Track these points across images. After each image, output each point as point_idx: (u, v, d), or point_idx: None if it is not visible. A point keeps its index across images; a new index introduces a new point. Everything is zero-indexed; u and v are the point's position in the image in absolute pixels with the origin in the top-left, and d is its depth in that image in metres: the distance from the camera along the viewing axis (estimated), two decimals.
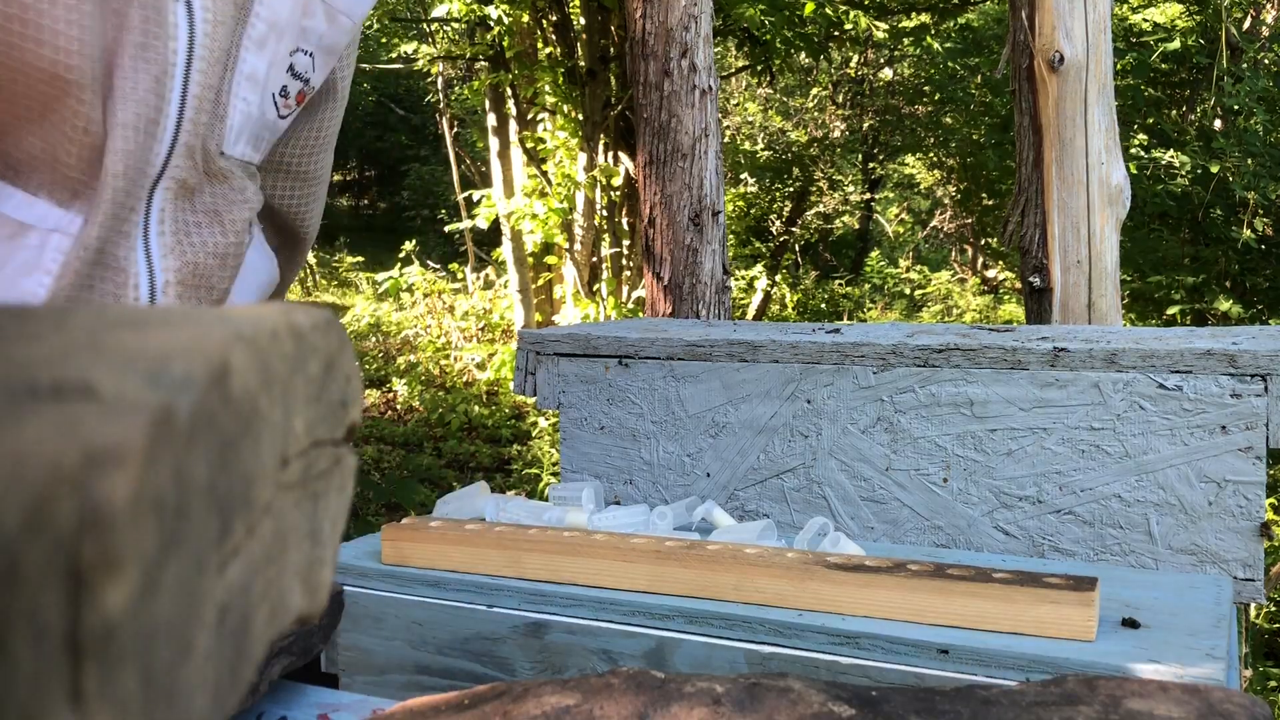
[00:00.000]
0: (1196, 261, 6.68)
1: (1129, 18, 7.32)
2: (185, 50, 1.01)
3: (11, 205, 1.00)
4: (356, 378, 0.42)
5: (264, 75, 1.10)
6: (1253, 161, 5.76)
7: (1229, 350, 1.02)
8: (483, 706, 0.62)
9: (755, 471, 1.21)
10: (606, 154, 6.61)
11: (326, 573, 0.40)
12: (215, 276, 1.12)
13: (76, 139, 0.98)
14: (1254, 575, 1.02)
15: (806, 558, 0.90)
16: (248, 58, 1.08)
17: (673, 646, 0.89)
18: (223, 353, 0.30)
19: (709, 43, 3.37)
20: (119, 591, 0.24)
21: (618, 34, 6.42)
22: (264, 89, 1.11)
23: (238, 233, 1.13)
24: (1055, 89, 3.14)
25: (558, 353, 1.31)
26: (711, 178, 3.36)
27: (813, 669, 0.84)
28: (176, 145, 1.03)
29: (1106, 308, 3.14)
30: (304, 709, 0.83)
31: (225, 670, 0.32)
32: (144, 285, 1.05)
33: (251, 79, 1.09)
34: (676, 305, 3.35)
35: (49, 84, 0.94)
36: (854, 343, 1.16)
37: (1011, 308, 10.30)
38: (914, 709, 0.59)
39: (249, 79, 1.09)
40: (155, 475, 0.26)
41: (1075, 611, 0.81)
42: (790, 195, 10.43)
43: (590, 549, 0.96)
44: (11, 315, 0.33)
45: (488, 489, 1.18)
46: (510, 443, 6.98)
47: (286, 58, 1.12)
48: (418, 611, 0.99)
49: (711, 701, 0.59)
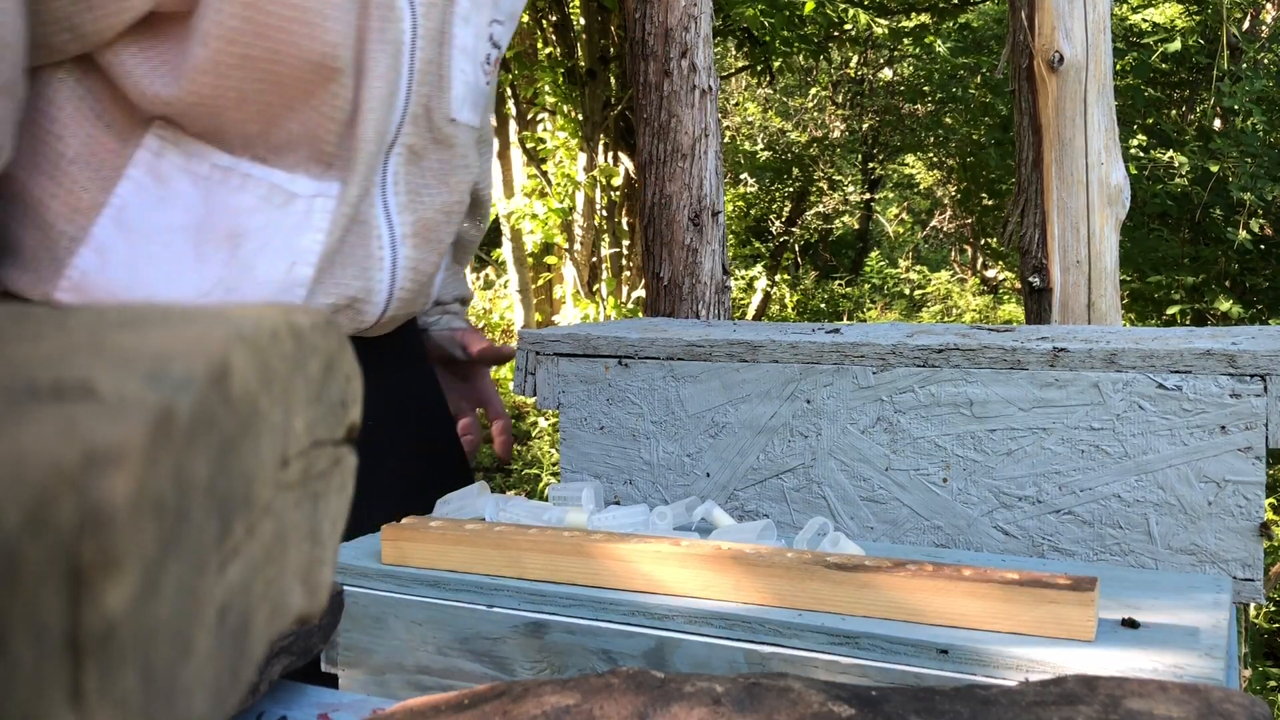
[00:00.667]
0: (1196, 261, 6.68)
1: (1129, 18, 7.32)
2: (410, 30, 1.12)
3: (276, 180, 1.11)
4: (357, 378, 0.42)
5: (472, 46, 1.21)
6: (1251, 162, 5.76)
7: (1229, 350, 1.02)
8: (483, 706, 0.62)
9: (755, 471, 1.21)
10: (606, 154, 6.62)
11: (326, 573, 0.40)
12: (442, 230, 1.25)
13: (336, 117, 1.09)
14: (1254, 575, 1.02)
15: (806, 558, 0.90)
16: (458, 32, 1.18)
17: (673, 646, 0.89)
18: (223, 353, 0.30)
19: (709, 43, 3.37)
20: (119, 591, 0.24)
21: (618, 34, 6.42)
22: (474, 59, 1.22)
23: (461, 193, 1.26)
24: (1055, 89, 3.14)
25: (557, 353, 1.31)
26: (711, 178, 3.36)
27: (812, 669, 0.84)
28: (406, 115, 1.15)
29: (1106, 308, 3.14)
30: (304, 709, 0.83)
31: (225, 670, 0.32)
32: (385, 238, 1.18)
33: (464, 50, 1.19)
34: (676, 305, 3.35)
35: (317, 73, 1.05)
36: (854, 343, 1.16)
37: (1011, 308, 10.30)
38: (914, 709, 0.59)
39: (462, 51, 1.19)
40: (155, 475, 0.26)
41: (1075, 611, 0.81)
42: (790, 195, 10.43)
43: (590, 549, 0.96)
44: (11, 315, 0.33)
45: (488, 489, 1.18)
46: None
47: (486, 28, 1.23)
48: (418, 611, 0.99)
49: (711, 701, 0.59)
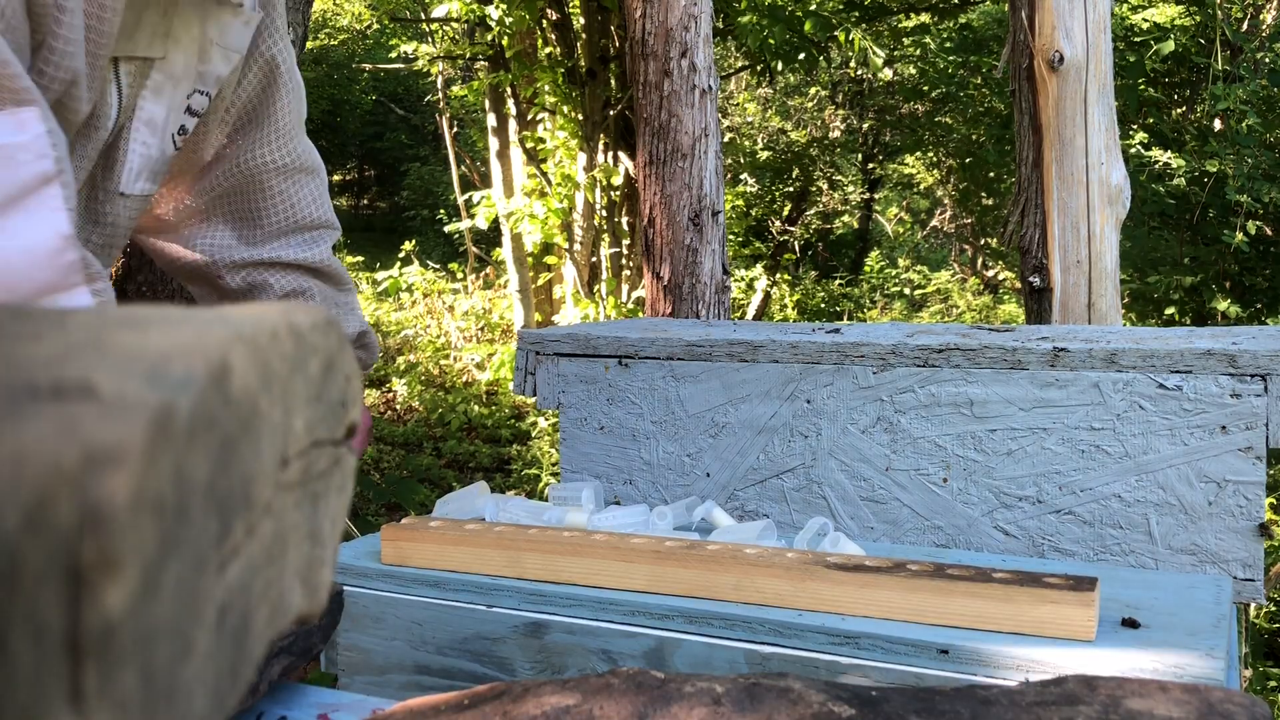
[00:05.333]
0: (1195, 261, 6.68)
1: (1129, 18, 7.32)
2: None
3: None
4: (356, 378, 0.42)
5: (163, 120, 1.16)
6: (1249, 161, 5.75)
7: (1229, 350, 1.02)
8: (483, 706, 0.62)
9: (755, 471, 1.21)
10: (606, 154, 6.61)
11: (326, 573, 0.40)
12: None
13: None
14: (1254, 575, 1.02)
15: (806, 558, 0.90)
16: (145, 105, 1.14)
17: (673, 646, 0.89)
18: (223, 353, 0.30)
19: (709, 43, 3.37)
20: (119, 591, 0.24)
21: (618, 34, 6.42)
22: (163, 131, 1.17)
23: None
24: (1055, 89, 3.14)
25: (558, 353, 1.31)
26: (711, 178, 3.36)
27: (812, 669, 0.84)
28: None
29: (1106, 308, 3.14)
30: (304, 709, 0.83)
31: (225, 670, 0.32)
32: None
33: (150, 124, 1.15)
34: (676, 305, 3.35)
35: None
36: (854, 343, 1.16)
37: (1011, 308, 10.30)
38: (914, 709, 0.59)
39: (147, 124, 1.15)
40: (155, 475, 0.26)
41: (1075, 611, 0.81)
42: (790, 195, 10.43)
43: (590, 549, 0.96)
44: (11, 315, 0.33)
45: (487, 489, 1.18)
46: (510, 443, 6.97)
47: (184, 100, 1.18)
48: (418, 611, 0.99)
49: (711, 701, 0.59)
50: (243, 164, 1.28)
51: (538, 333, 1.33)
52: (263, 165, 1.28)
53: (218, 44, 1.17)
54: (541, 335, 1.32)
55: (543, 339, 1.32)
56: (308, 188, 1.32)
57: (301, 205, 1.32)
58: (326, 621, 0.90)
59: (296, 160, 1.31)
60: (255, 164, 1.28)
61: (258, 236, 1.31)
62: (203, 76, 1.17)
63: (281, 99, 1.29)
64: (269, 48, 1.27)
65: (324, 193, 1.36)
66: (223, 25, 1.17)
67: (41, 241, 0.95)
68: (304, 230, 1.32)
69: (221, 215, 1.31)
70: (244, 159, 1.28)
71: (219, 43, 1.17)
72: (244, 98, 1.27)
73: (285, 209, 1.30)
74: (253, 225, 1.31)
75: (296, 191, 1.31)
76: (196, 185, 1.30)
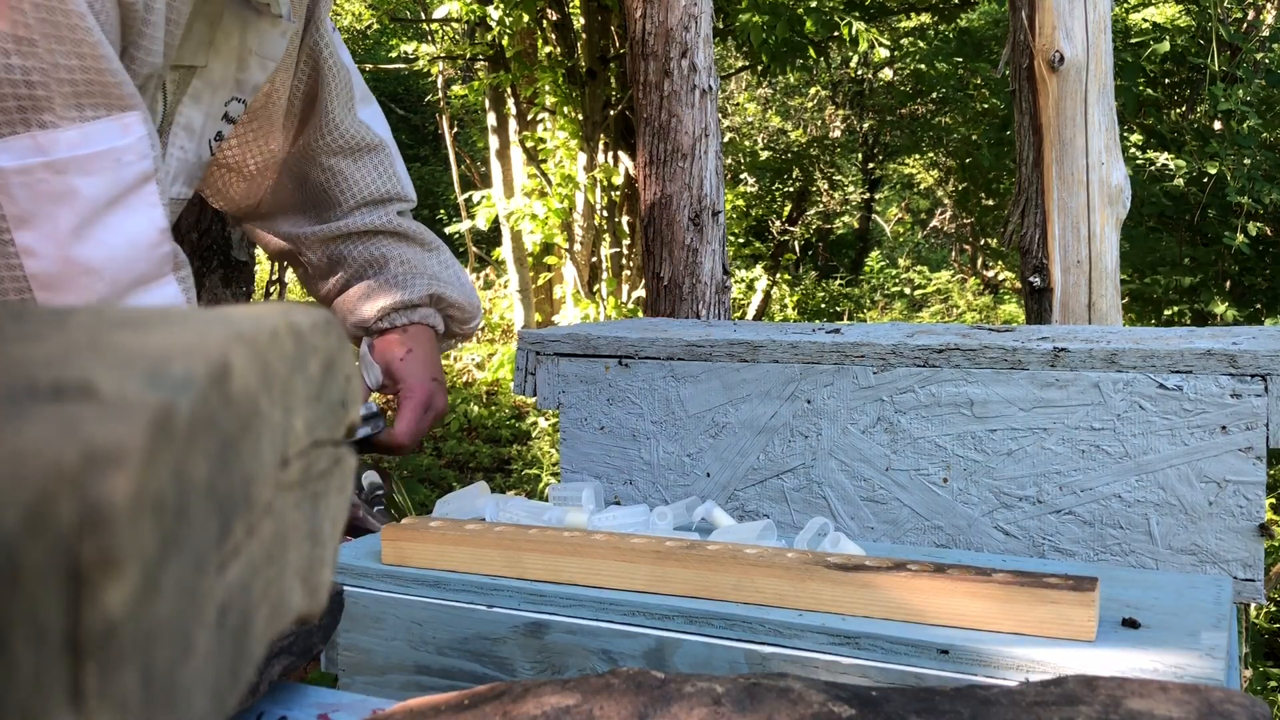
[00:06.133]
0: (1194, 262, 6.67)
1: (1128, 18, 7.32)
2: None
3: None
4: (356, 378, 0.42)
5: (200, 125, 1.22)
6: (1248, 162, 5.75)
7: (1229, 350, 1.02)
8: (483, 706, 0.62)
9: (755, 471, 1.21)
10: (606, 154, 6.61)
11: (326, 573, 0.40)
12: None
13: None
14: (1254, 575, 1.02)
15: (806, 558, 0.90)
16: (185, 111, 1.20)
17: (673, 646, 0.89)
18: (223, 353, 0.30)
19: (709, 43, 3.37)
20: (119, 591, 0.24)
21: (618, 34, 6.42)
22: (200, 137, 1.23)
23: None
24: (1055, 89, 3.14)
25: (558, 353, 1.31)
26: (711, 178, 3.36)
27: (812, 669, 0.84)
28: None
29: (1106, 308, 3.14)
30: (304, 709, 0.83)
31: (225, 670, 0.32)
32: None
33: (189, 129, 1.21)
34: (676, 305, 3.35)
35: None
36: (854, 343, 1.16)
37: (1011, 308, 10.29)
38: (914, 709, 0.59)
39: (185, 129, 1.21)
40: (155, 475, 0.26)
41: (1075, 611, 0.81)
42: (790, 195, 10.42)
43: (590, 549, 0.96)
44: (12, 315, 0.33)
45: (488, 489, 1.18)
46: (510, 443, 6.97)
47: (222, 107, 1.24)
48: (418, 611, 0.99)
49: (711, 701, 0.59)
50: (305, 151, 1.40)
51: (538, 333, 1.33)
52: (318, 149, 1.40)
53: (256, 53, 1.24)
54: (542, 335, 1.32)
55: (543, 339, 1.32)
56: (367, 164, 1.43)
57: (363, 182, 1.42)
58: (327, 621, 0.90)
59: (350, 140, 1.41)
60: (312, 149, 1.40)
61: (328, 216, 1.43)
62: (240, 84, 1.24)
63: (328, 85, 1.38)
64: (313, 40, 1.36)
65: (389, 166, 1.46)
66: (262, 35, 1.23)
67: (143, 235, 1.03)
68: (372, 204, 1.43)
69: (298, 201, 1.44)
70: (304, 146, 1.40)
71: (258, 52, 1.24)
72: (301, 92, 1.38)
73: (347, 187, 1.42)
74: (323, 207, 1.43)
75: (355, 170, 1.42)
76: (278, 178, 1.42)
